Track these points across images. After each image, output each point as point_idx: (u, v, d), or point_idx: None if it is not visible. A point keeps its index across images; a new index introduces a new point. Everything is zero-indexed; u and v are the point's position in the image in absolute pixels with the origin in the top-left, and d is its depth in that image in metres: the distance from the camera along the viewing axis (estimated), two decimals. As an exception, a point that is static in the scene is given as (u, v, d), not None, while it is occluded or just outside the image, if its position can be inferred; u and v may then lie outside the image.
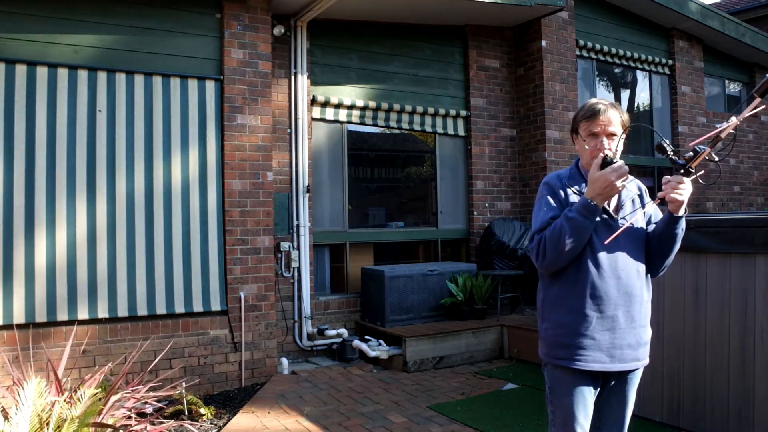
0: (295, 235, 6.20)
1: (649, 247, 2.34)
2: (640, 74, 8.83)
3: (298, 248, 6.18)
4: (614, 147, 2.25)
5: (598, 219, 2.21)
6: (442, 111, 7.19)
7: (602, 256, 2.24)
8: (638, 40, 8.58)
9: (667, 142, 2.20)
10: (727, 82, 10.14)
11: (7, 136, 4.66)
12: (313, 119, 6.44)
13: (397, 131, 7.24)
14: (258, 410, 4.62)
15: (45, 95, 4.79)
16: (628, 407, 2.39)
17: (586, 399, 2.29)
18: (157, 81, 5.22)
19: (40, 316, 4.68)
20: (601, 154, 2.18)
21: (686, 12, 8.38)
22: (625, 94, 8.91)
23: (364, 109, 6.69)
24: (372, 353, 5.80)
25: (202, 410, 4.45)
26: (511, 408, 4.56)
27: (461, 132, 7.40)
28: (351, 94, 6.65)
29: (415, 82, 7.07)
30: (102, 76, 5.01)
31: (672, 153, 2.16)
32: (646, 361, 2.36)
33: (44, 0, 4.83)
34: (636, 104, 9.02)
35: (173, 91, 5.28)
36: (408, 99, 6.99)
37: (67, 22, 4.92)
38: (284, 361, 5.75)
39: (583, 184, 2.32)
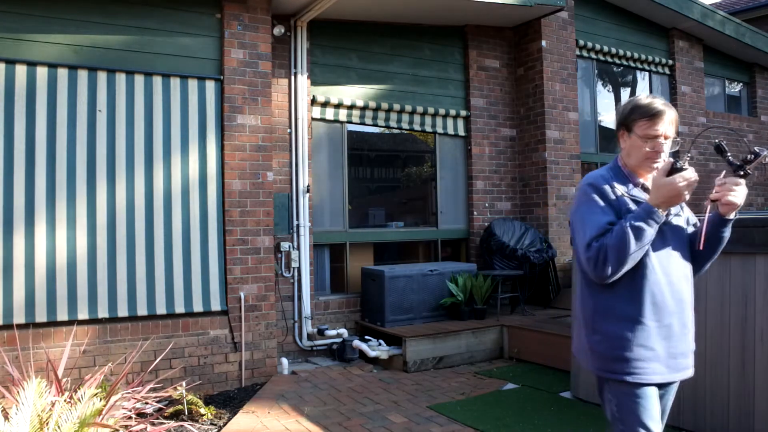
0: (295, 235, 6.20)
1: (692, 250, 2.27)
2: (640, 74, 8.83)
3: (298, 248, 6.18)
4: (667, 149, 2.18)
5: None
6: (442, 111, 7.19)
7: (657, 262, 2.16)
8: (638, 40, 8.58)
9: (725, 143, 2.12)
10: (727, 82, 10.14)
11: (7, 136, 4.66)
12: (313, 119, 6.44)
13: (397, 131, 7.24)
14: (258, 410, 4.62)
15: (45, 95, 4.79)
16: (666, 415, 2.31)
17: (655, 412, 2.19)
18: (157, 81, 5.22)
19: (40, 316, 4.68)
20: (670, 160, 2.08)
21: (686, 12, 8.39)
22: (625, 94, 8.91)
23: (364, 109, 6.69)
24: (372, 353, 5.80)
25: (202, 410, 4.45)
26: (511, 408, 4.56)
27: (461, 132, 7.40)
28: (351, 94, 6.65)
29: (415, 82, 7.07)
30: (102, 76, 5.01)
31: (730, 155, 2.08)
32: (693, 368, 2.28)
33: (44, 0, 4.83)
34: (636, 104, 9.00)
35: (173, 91, 5.27)
36: (408, 99, 6.99)
37: (67, 22, 4.92)
38: (284, 361, 5.75)
39: (630, 185, 2.23)
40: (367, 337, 6.06)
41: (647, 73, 8.83)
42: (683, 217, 2.30)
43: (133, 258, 5.04)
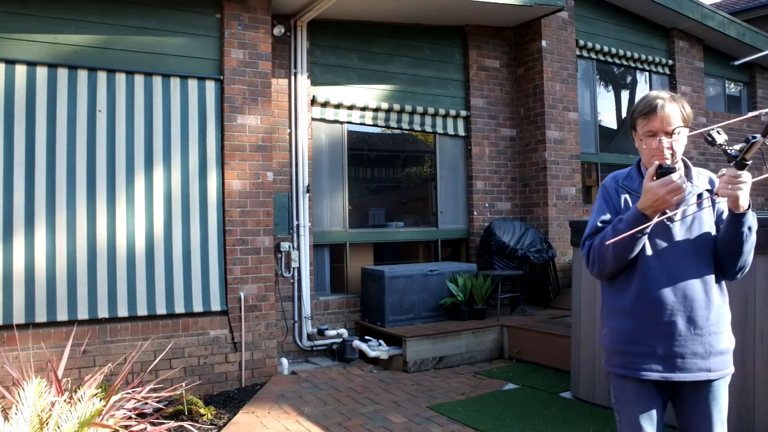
0: (295, 235, 6.20)
1: (717, 248, 2.14)
2: (640, 74, 8.83)
3: (298, 248, 6.18)
4: (676, 147, 2.07)
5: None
6: (442, 111, 7.19)
7: (657, 258, 2.10)
8: (638, 40, 8.58)
9: (720, 131, 1.94)
10: (727, 82, 10.15)
11: (7, 135, 4.66)
12: (313, 119, 6.44)
13: (397, 131, 7.24)
14: (258, 410, 4.62)
15: (45, 95, 4.79)
16: (714, 426, 2.16)
17: (651, 409, 2.16)
18: (157, 81, 5.22)
19: (40, 316, 4.68)
20: (656, 162, 1.99)
21: (686, 12, 8.39)
22: (625, 94, 8.91)
23: (364, 109, 6.69)
24: (372, 353, 5.80)
25: (202, 410, 4.45)
26: (511, 408, 4.56)
27: (461, 132, 7.40)
28: (351, 94, 6.65)
29: (415, 82, 7.07)
30: (102, 76, 5.01)
31: (725, 144, 1.91)
32: (724, 372, 2.15)
33: (44, 0, 4.83)
34: (636, 104, 9.00)
35: (173, 91, 5.27)
36: (408, 99, 6.99)
37: (67, 22, 4.92)
38: (284, 361, 5.75)
39: (638, 183, 2.18)
40: (367, 337, 6.06)
41: (647, 73, 8.83)
42: (716, 213, 2.17)
43: (133, 258, 5.03)
